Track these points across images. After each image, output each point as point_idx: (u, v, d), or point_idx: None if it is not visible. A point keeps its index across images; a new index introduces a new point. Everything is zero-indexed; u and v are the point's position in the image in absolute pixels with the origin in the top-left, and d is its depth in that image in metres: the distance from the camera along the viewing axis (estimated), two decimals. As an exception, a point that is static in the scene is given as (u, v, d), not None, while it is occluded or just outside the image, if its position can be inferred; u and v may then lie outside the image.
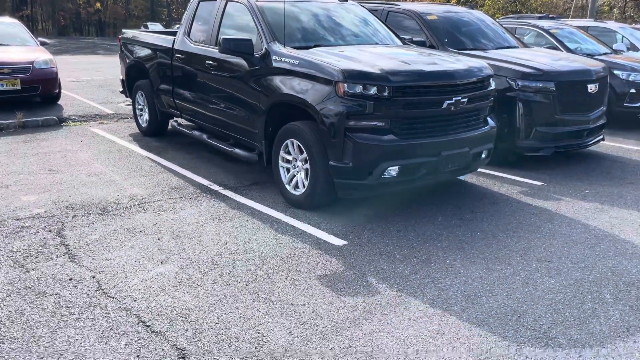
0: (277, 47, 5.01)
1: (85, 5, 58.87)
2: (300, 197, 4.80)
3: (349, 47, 5.22)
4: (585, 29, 11.03)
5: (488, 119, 5.08)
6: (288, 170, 4.96)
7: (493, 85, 5.03)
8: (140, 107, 7.72)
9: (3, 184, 5.37)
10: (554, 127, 6.15)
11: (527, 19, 15.97)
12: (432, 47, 6.85)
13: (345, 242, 4.09)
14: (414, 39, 6.41)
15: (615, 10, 53.69)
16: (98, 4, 59.33)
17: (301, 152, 4.72)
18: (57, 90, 9.47)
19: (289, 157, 4.90)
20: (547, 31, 9.46)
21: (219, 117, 5.89)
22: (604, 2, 52.03)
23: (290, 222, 4.52)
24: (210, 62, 5.78)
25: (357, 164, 4.33)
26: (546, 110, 6.09)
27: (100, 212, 4.67)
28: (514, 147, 6.15)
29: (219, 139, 6.12)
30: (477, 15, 7.84)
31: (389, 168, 4.35)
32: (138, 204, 4.89)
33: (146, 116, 7.56)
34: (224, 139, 6.06)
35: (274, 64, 4.94)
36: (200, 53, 6.01)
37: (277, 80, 4.87)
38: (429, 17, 7.19)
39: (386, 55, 4.95)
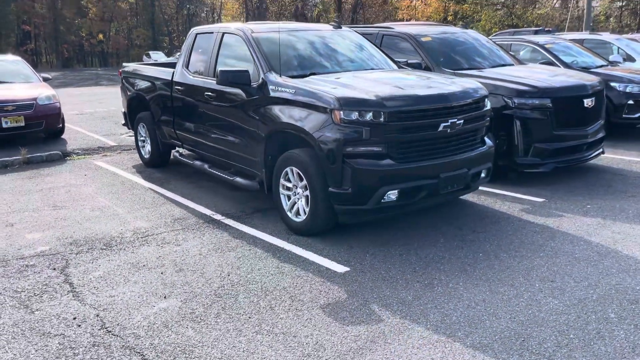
0: (274, 77, 5.08)
1: (88, 37, 59.89)
2: (302, 224, 4.82)
3: (344, 73, 5.29)
4: (580, 42, 11.12)
5: (485, 138, 5.11)
6: (289, 197, 4.99)
7: (489, 106, 5.07)
8: (142, 138, 7.81)
9: (8, 222, 5.43)
10: (552, 143, 6.17)
11: (522, 34, 16.14)
12: (427, 68, 6.92)
13: (347, 269, 4.10)
14: (409, 61, 6.48)
15: (611, 19, 54.00)
16: (100, 36, 60.32)
17: (301, 180, 4.76)
18: (60, 125, 9.60)
19: (289, 185, 4.94)
20: (542, 46, 9.54)
21: (219, 147, 5.95)
22: (600, 12, 52.36)
23: (292, 249, 4.53)
24: (209, 93, 5.86)
25: (357, 190, 4.36)
26: (544, 127, 6.12)
27: (104, 247, 4.70)
28: (513, 164, 6.17)
29: (220, 168, 6.18)
30: (471, 35, 7.94)
31: (389, 192, 4.37)
32: (141, 237, 4.93)
33: (148, 147, 7.65)
34: (225, 168, 6.12)
35: (272, 94, 5.01)
36: (199, 85, 6.10)
37: (275, 110, 4.94)
38: (423, 39, 7.28)
39: (381, 81, 5.01)
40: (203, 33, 6.46)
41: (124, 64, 8.24)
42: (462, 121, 4.65)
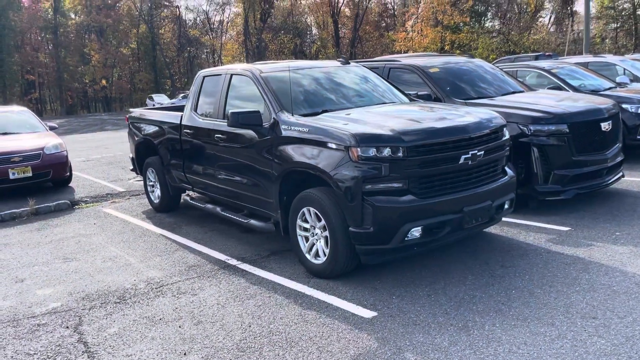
0: (286, 116, 4.99)
1: (92, 84, 60.78)
2: (322, 266, 4.64)
3: (356, 109, 5.19)
4: (585, 64, 11.08)
5: (506, 168, 4.96)
6: (307, 238, 4.82)
7: (507, 135, 4.94)
8: (151, 183, 7.70)
9: (18, 278, 5.26)
10: (572, 169, 6.01)
11: (522, 60, 16.17)
12: (437, 99, 6.84)
13: (375, 314, 3.89)
14: (419, 93, 6.40)
15: (607, 40, 54.59)
16: (104, 81, 61.26)
17: (319, 220, 4.60)
18: (67, 174, 9.53)
19: (307, 225, 4.78)
20: (548, 71, 9.49)
21: (232, 189, 5.82)
22: (595, 34, 52.92)
23: (314, 294, 4.33)
24: (219, 135, 5.77)
25: (378, 229, 4.19)
26: (562, 153, 5.98)
27: (118, 301, 4.51)
28: (534, 192, 6.00)
29: (232, 210, 6.04)
30: (477, 63, 7.89)
31: (412, 229, 4.21)
32: (156, 288, 4.74)
33: (158, 192, 7.53)
34: (238, 210, 5.97)
35: (284, 133, 4.90)
36: (208, 127, 6.02)
37: (289, 149, 4.82)
38: (431, 70, 7.23)
39: (395, 115, 4.91)
40: (211, 75, 6.41)
41: (131, 109, 8.21)
42: (482, 152, 4.51)
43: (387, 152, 4.18)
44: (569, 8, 59.79)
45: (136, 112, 8.05)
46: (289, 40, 62.34)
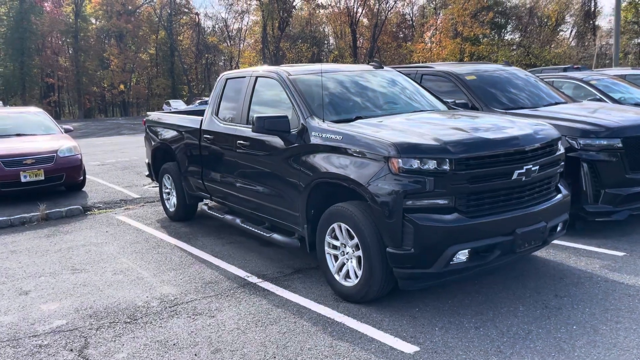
0: (316, 122, 4.56)
1: (110, 88, 61.25)
2: (353, 290, 4.17)
3: (393, 116, 4.75)
4: (622, 77, 10.53)
5: (560, 186, 4.47)
6: (336, 257, 4.37)
7: (562, 149, 4.46)
8: (167, 190, 7.32)
9: (22, 290, 4.88)
10: (625, 188, 5.49)
11: (548, 72, 15.62)
12: (474, 108, 6.38)
13: (417, 348, 3.42)
14: (456, 101, 5.94)
15: (630, 55, 53.67)
16: (122, 86, 61.66)
17: (351, 238, 4.15)
18: (81, 178, 9.19)
19: (337, 243, 4.33)
20: (587, 82, 8.96)
21: (253, 199, 5.40)
22: (595, 54, 52.05)
23: (345, 322, 3.87)
24: (242, 141, 5.36)
25: (421, 250, 3.73)
26: (614, 170, 5.47)
27: (128, 321, 4.09)
28: (582, 212, 5.49)
29: (253, 222, 5.62)
30: (515, 72, 7.41)
31: (458, 252, 3.73)
32: (169, 307, 4.32)
33: (174, 200, 7.14)
34: (259, 223, 5.55)
35: (314, 141, 4.47)
36: (230, 133, 5.61)
37: (319, 158, 4.39)
38: (468, 77, 6.76)
39: (438, 123, 4.46)
40: (234, 78, 6.02)
41: (148, 112, 7.86)
42: (537, 167, 4.04)
43: (431, 164, 3.73)
44: (591, 22, 59.09)
45: (154, 115, 7.69)
46: (307, 49, 62.30)
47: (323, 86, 4.98)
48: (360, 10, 61.77)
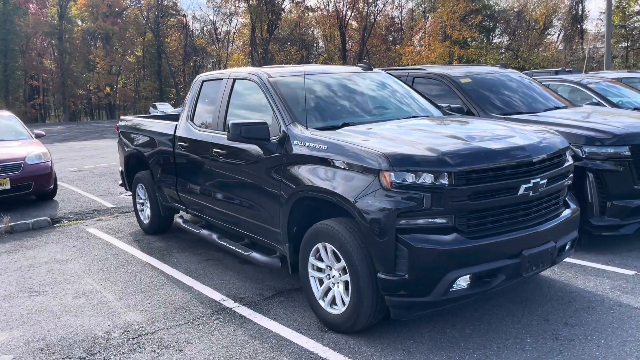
0: (299, 130, 4.09)
1: (96, 91, 60.20)
2: (340, 318, 3.71)
3: (384, 123, 4.29)
4: (618, 80, 10.19)
5: (567, 200, 4.05)
6: (321, 281, 3.90)
7: (570, 160, 4.03)
8: (141, 201, 6.81)
9: (-31, 317, 4.35)
10: (633, 200, 5.09)
11: (538, 75, 15.30)
12: (469, 113, 5.96)
13: (412, 393, 2.96)
14: (451, 105, 5.51)
15: (617, 59, 53.93)
16: (108, 89, 60.66)
17: (337, 260, 3.69)
18: (51, 186, 8.63)
19: (322, 265, 3.86)
20: (584, 86, 8.58)
21: (231, 213, 4.92)
22: (586, 57, 52.33)
23: (331, 358, 3.40)
24: (218, 150, 4.88)
25: (416, 276, 3.27)
26: (622, 180, 5.07)
27: (83, 356, 3.59)
28: (588, 226, 5.07)
29: (231, 238, 5.14)
30: (511, 75, 7.00)
31: (459, 278, 3.28)
32: (133, 339, 3.82)
33: (148, 212, 6.63)
34: (238, 239, 5.07)
35: (296, 150, 4.01)
36: (206, 140, 5.13)
37: (302, 170, 3.92)
38: (463, 80, 6.34)
39: (434, 131, 4.01)
40: (211, 80, 5.54)
41: (122, 117, 7.33)
42: (545, 180, 3.60)
43: (428, 178, 3.28)
44: (578, 26, 59.34)
45: (128, 120, 7.17)
46: (296, 51, 61.87)
47: (307, 89, 4.52)
48: (349, 13, 61.52)
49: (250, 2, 59.52)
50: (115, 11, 60.56)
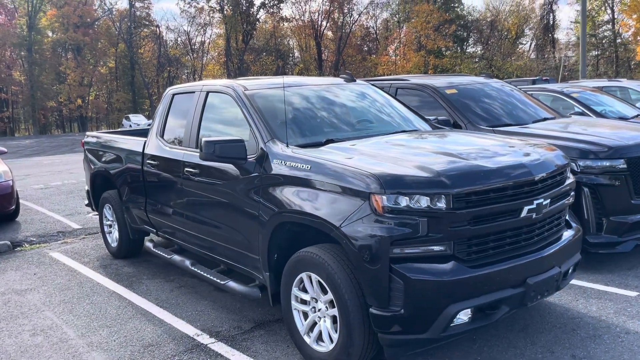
0: (279, 147, 3.74)
1: (67, 103, 58.84)
2: (328, 356, 3.34)
3: (370, 139, 3.97)
4: (599, 88, 10.10)
5: (568, 219, 3.77)
6: (306, 314, 3.54)
7: (572, 177, 3.75)
8: (108, 222, 6.34)
9: None
10: (630, 215, 4.85)
11: (519, 84, 15.28)
12: (456, 126, 5.69)
13: None
14: (439, 118, 5.22)
15: (588, 67, 55.15)
16: (79, 101, 59.35)
17: (324, 292, 3.33)
18: (13, 207, 8.07)
19: (306, 297, 3.50)
20: (568, 95, 8.45)
21: (206, 237, 4.53)
22: (576, 61, 53.49)
23: (318, 404, 3.03)
24: (190, 169, 4.49)
25: (413, 312, 2.94)
26: (619, 195, 4.83)
27: (36, 410, 3.14)
28: (584, 244, 4.78)
29: (206, 263, 4.74)
30: (496, 86, 6.78)
31: (460, 312, 2.96)
32: (94, 386, 3.38)
33: (116, 234, 6.17)
34: (213, 265, 4.68)
35: (276, 170, 3.65)
36: (176, 158, 4.73)
37: (283, 192, 3.56)
38: (448, 91, 6.08)
39: (426, 148, 3.69)
40: (182, 93, 5.15)
41: (87, 133, 6.87)
42: (548, 201, 3.31)
43: (423, 201, 2.95)
44: (550, 35, 60.52)
45: (93, 136, 6.71)
46: (272, 62, 61.61)
47: (287, 103, 4.17)
48: (324, 23, 61.63)
49: (225, 12, 59.17)
50: (87, 22, 59.46)
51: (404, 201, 2.96)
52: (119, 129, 7.37)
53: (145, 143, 5.34)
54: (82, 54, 60.47)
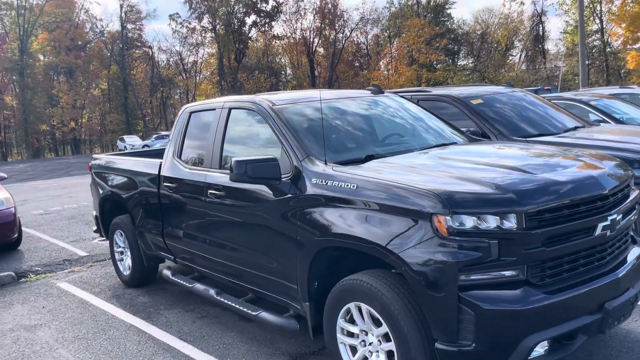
0: (316, 166, 3.45)
1: (60, 126, 58.38)
2: (383, 396, 3.01)
3: (415, 154, 3.69)
4: (613, 96, 9.93)
5: (633, 235, 3.48)
6: (354, 349, 3.22)
7: (637, 190, 3.48)
8: (120, 249, 6.00)
9: None
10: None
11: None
12: (485, 137, 5.43)
13: None
14: (471, 129, 4.98)
15: (578, 77, 55.51)
16: (72, 123, 58.90)
17: (377, 324, 3.01)
18: (15, 235, 7.69)
19: (354, 329, 3.18)
20: (586, 103, 8.25)
21: (232, 264, 4.22)
22: (568, 71, 53.89)
23: None
24: (215, 191, 4.18)
25: (486, 346, 2.63)
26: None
27: None
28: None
29: (229, 290, 4.41)
30: (519, 94, 6.55)
31: (537, 344, 2.65)
32: None
33: (128, 262, 5.82)
34: (239, 293, 4.36)
35: (314, 190, 3.35)
36: (198, 180, 4.42)
37: (325, 215, 3.26)
38: (474, 102, 5.84)
39: (482, 162, 3.38)
40: (200, 111, 4.86)
41: (94, 155, 6.54)
42: (620, 216, 3.03)
43: (493, 221, 2.67)
44: (540, 46, 61.04)
45: (101, 158, 6.40)
46: (265, 79, 61.62)
47: (315, 119, 3.90)
48: (316, 40, 61.82)
49: (218, 31, 59.26)
50: (79, 44, 59.28)
51: (470, 222, 2.67)
52: (128, 151, 7.00)
53: (161, 165, 5.03)
54: (74, 77, 60.21)
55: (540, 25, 60.02)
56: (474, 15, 62.89)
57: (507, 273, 2.69)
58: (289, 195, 3.52)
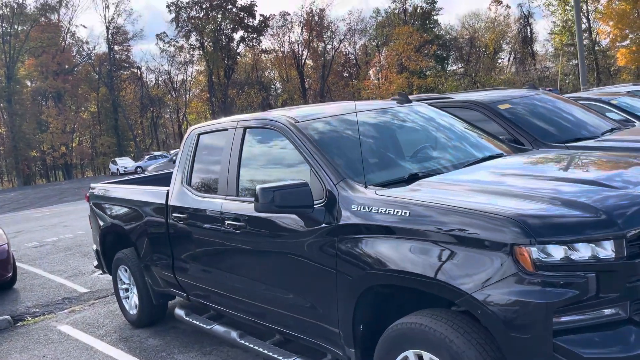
0: (355, 189, 2.98)
1: (50, 151, 57.64)
2: None
3: (467, 170, 3.24)
4: (630, 93, 9.58)
5: None
6: (414, 402, 2.73)
7: None
8: (124, 286, 5.49)
9: None
10: None
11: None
12: (517, 143, 4.99)
13: None
14: (506, 137, 4.55)
15: (570, 76, 55.63)
16: (63, 148, 58.18)
17: (443, 375, 2.53)
18: (10, 274, 7.15)
19: (413, 381, 2.69)
20: (607, 102, 7.87)
21: (254, 302, 3.73)
22: (559, 71, 53.93)
23: None
24: (234, 221, 3.69)
25: (589, 403, 2.15)
26: None
27: None
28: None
29: (256, 332, 3.92)
30: (545, 97, 6.13)
31: (648, 399, 2.19)
32: None
33: (135, 300, 5.31)
34: (264, 333, 3.86)
35: (356, 219, 2.89)
36: (213, 209, 3.94)
37: (371, 247, 2.79)
38: (501, 107, 5.41)
39: (552, 176, 2.91)
40: (210, 132, 4.38)
41: (92, 185, 6.02)
42: None
43: (586, 250, 2.21)
44: (529, 47, 61.25)
45: (100, 188, 5.88)
46: (255, 94, 61.31)
47: (342, 136, 3.46)
48: (305, 52, 61.68)
49: (206, 48, 58.99)
50: (66, 68, 58.77)
51: (560, 252, 2.21)
52: (128, 178, 6.49)
53: (168, 193, 4.55)
54: (63, 101, 59.61)
55: (528, 27, 60.31)
56: (460, 20, 62.98)
57: (607, 311, 2.23)
58: (324, 224, 3.05)
